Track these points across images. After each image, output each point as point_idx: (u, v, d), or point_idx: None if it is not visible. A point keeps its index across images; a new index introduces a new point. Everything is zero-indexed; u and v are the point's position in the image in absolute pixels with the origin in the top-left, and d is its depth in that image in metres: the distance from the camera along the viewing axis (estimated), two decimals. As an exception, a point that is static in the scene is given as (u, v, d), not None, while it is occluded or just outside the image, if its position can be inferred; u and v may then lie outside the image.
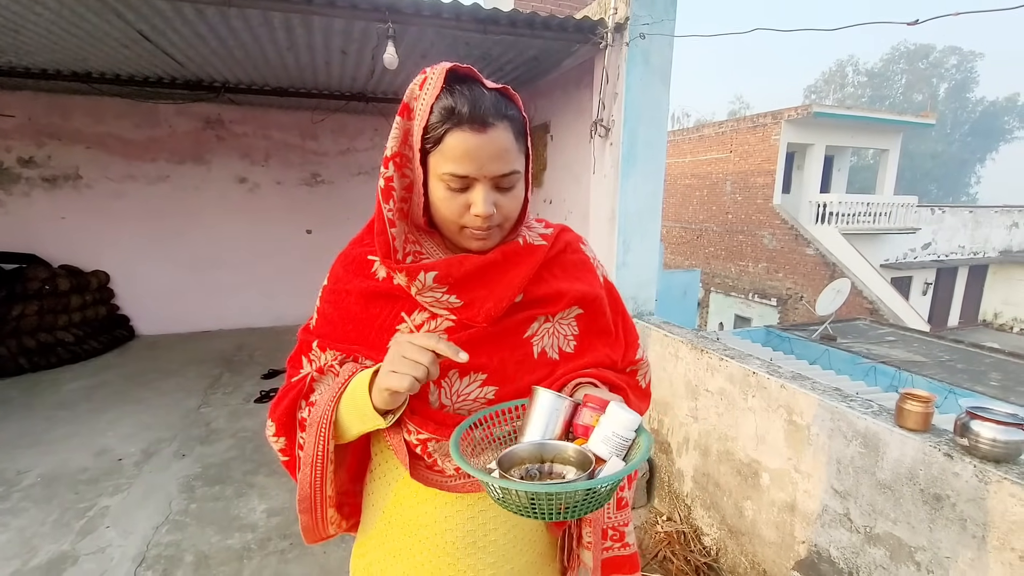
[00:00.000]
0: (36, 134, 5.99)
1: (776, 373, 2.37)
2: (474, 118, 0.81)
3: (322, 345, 0.96)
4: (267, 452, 3.77)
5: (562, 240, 1.04)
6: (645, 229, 3.46)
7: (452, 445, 0.78)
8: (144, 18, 3.35)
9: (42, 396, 4.74)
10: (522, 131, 0.89)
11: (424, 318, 0.93)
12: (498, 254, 0.92)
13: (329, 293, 1.01)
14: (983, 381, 6.37)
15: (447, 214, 0.87)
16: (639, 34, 3.17)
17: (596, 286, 1.04)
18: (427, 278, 0.88)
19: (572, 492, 0.69)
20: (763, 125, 14.62)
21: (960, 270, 17.49)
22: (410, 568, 0.99)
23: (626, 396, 0.98)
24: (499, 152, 0.84)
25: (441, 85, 0.82)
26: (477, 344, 0.91)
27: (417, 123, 0.84)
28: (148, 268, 6.61)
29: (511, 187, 0.88)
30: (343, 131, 7.21)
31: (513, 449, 0.82)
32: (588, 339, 1.01)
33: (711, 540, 2.75)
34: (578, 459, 0.81)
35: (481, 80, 0.86)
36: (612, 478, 0.71)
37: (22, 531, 2.90)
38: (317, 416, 0.89)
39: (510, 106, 0.87)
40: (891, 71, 36.91)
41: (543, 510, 0.71)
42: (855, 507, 1.94)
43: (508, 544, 0.98)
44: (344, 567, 2.63)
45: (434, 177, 0.86)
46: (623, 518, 1.01)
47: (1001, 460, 1.55)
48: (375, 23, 3.19)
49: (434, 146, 0.83)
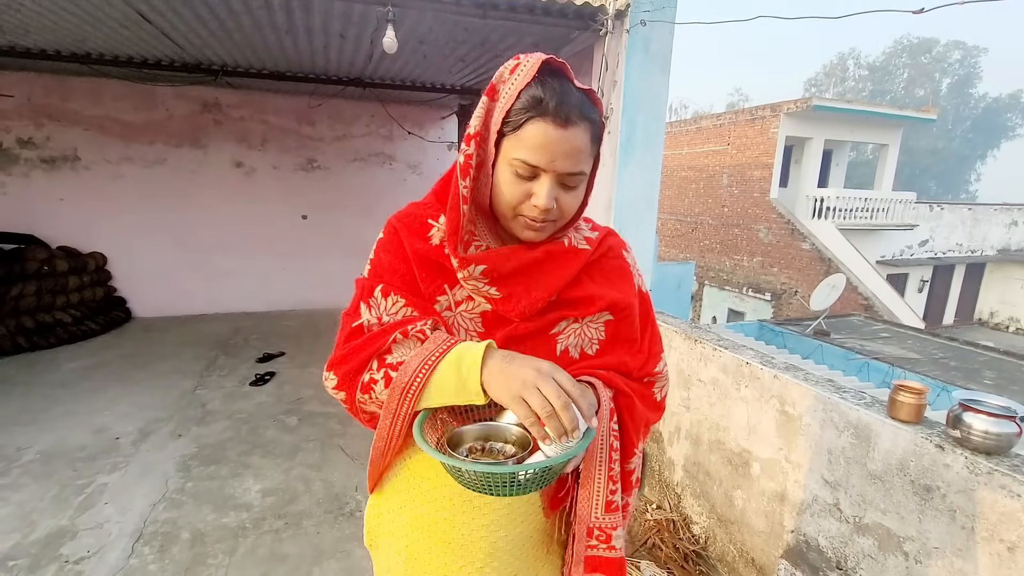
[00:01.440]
0: (35, 115, 5.99)
1: (769, 364, 2.39)
2: (558, 112, 0.82)
3: (385, 291, 0.96)
4: (262, 434, 3.80)
5: (605, 244, 1.06)
6: (641, 219, 3.47)
7: (417, 422, 0.85)
8: (144, -2, 3.34)
9: (41, 375, 4.76)
10: (598, 136, 0.91)
11: (463, 295, 0.96)
12: (542, 253, 0.94)
13: (387, 244, 1.00)
14: (977, 379, 6.40)
15: (508, 198, 0.89)
16: (640, 21, 3.16)
17: (630, 294, 1.06)
18: (475, 270, 0.91)
19: (494, 473, 0.75)
20: (762, 118, 14.55)
21: (957, 268, 17.47)
22: (413, 518, 1.02)
23: (629, 403, 1.01)
24: (573, 150, 0.85)
25: (533, 74, 0.84)
26: (508, 335, 0.95)
27: (501, 105, 0.85)
28: (145, 250, 6.63)
29: (575, 187, 0.90)
30: (340, 117, 7.20)
31: (463, 428, 0.89)
32: (612, 344, 1.03)
33: (700, 528, 2.77)
34: (520, 441, 0.86)
35: (571, 77, 0.87)
36: (528, 467, 0.77)
37: (22, 506, 2.94)
38: (405, 379, 0.87)
39: (593, 109, 0.88)
40: (893, 65, 36.68)
41: (468, 482, 0.78)
42: (845, 497, 1.95)
43: (501, 510, 1.00)
44: (337, 547, 2.68)
45: (503, 160, 0.87)
46: (612, 521, 0.99)
47: (992, 452, 1.56)
48: (375, 6, 3.18)
49: (513, 131, 0.85)
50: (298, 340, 6.02)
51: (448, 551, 1.00)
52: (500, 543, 1.01)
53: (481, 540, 1.00)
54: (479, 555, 1.00)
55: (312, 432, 3.85)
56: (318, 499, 3.09)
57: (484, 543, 1.00)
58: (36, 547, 2.61)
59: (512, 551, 1.03)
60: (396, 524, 1.05)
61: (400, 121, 7.35)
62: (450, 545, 1.00)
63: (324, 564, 2.58)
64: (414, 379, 0.86)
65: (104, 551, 2.60)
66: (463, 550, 1.00)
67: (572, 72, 0.88)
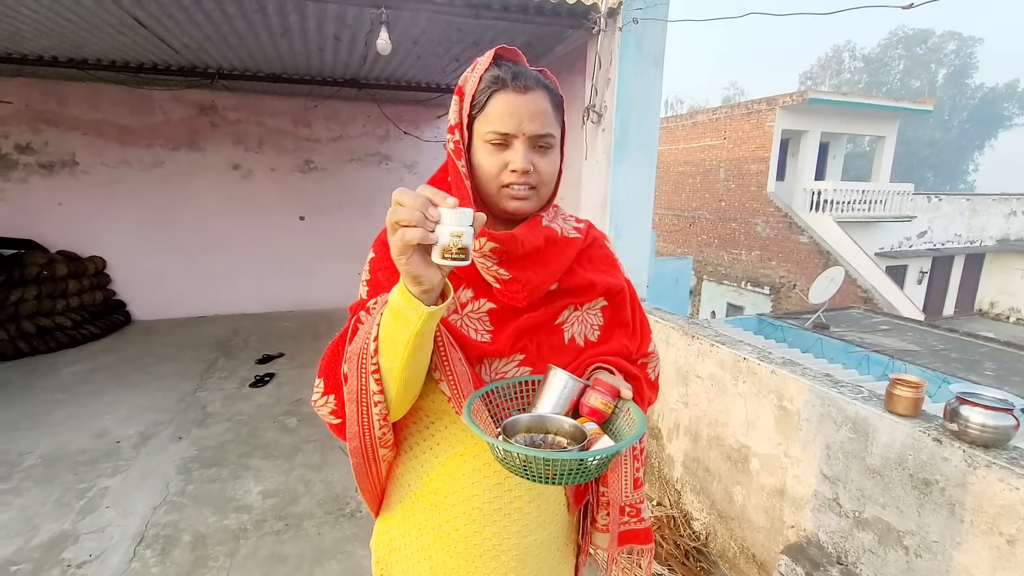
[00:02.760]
0: (33, 120, 6.00)
1: (767, 359, 2.39)
2: (516, 81, 0.90)
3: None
4: (262, 435, 3.81)
5: (591, 234, 1.10)
6: (637, 215, 3.47)
7: (465, 407, 0.84)
8: (140, 4, 3.35)
9: (41, 379, 4.77)
10: (559, 104, 0.97)
11: (469, 296, 0.98)
12: (543, 240, 0.97)
13: (379, 261, 1.00)
14: (977, 370, 6.40)
15: (488, 171, 0.92)
16: (632, 19, 3.15)
17: (620, 279, 1.10)
18: (486, 245, 0.92)
19: (563, 460, 0.75)
20: (758, 112, 14.55)
21: (956, 259, 17.46)
22: (435, 538, 1.00)
23: (639, 386, 1.04)
24: (537, 112, 0.91)
25: (489, 61, 0.93)
26: (518, 329, 0.97)
27: (467, 92, 0.93)
28: (144, 254, 6.63)
29: (548, 148, 0.94)
30: (335, 118, 7.20)
31: (517, 417, 0.89)
32: (611, 329, 1.06)
33: (701, 525, 2.78)
34: (574, 433, 0.87)
35: (523, 61, 0.97)
36: (599, 452, 0.77)
37: (24, 510, 2.94)
38: (357, 347, 0.86)
39: (548, 81, 0.96)
40: (888, 57, 36.64)
41: (534, 473, 0.77)
42: (844, 492, 1.96)
43: (532, 513, 1.01)
44: (339, 548, 2.68)
45: (478, 140, 0.93)
46: (639, 496, 1.06)
47: (990, 445, 1.56)
48: (368, 8, 3.18)
49: (480, 111, 0.92)
50: (297, 341, 6.03)
51: (478, 564, 1.00)
52: (531, 547, 1.03)
53: (513, 548, 1.01)
54: (510, 563, 1.01)
55: (312, 433, 3.86)
56: (318, 500, 3.09)
57: (516, 550, 1.01)
58: (39, 551, 2.62)
59: (540, 554, 1.05)
60: (414, 548, 1.04)
61: (396, 121, 7.34)
62: (481, 558, 1.00)
63: (325, 565, 2.58)
64: (363, 342, 0.85)
65: (106, 555, 2.61)
66: (495, 561, 1.00)
67: (524, 58, 0.97)
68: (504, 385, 0.94)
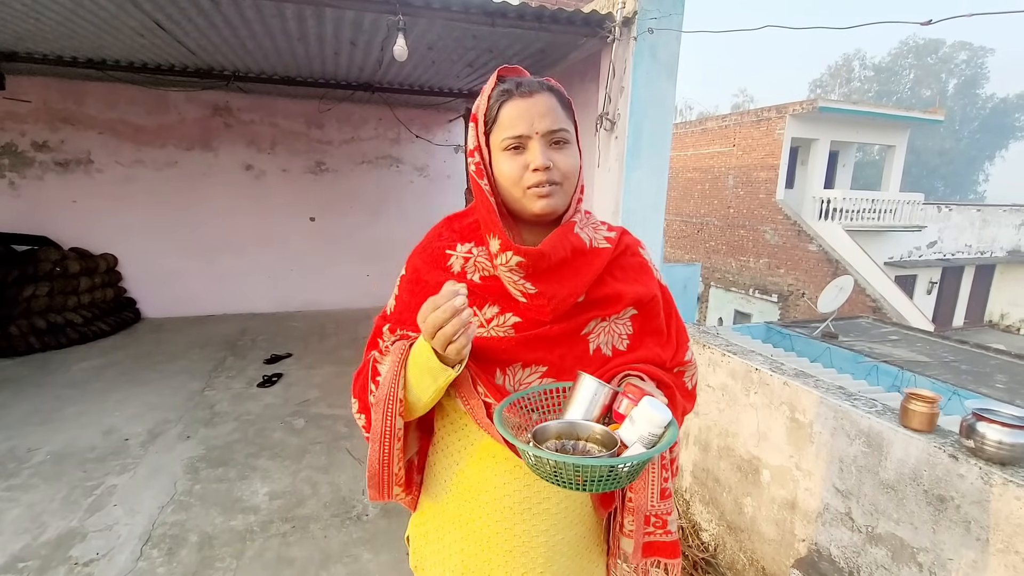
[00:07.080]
0: (50, 119, 6.07)
1: (779, 370, 2.38)
2: (520, 89, 0.94)
3: (392, 328, 1.05)
4: (269, 436, 3.82)
5: (623, 243, 1.10)
6: (648, 223, 3.46)
7: (496, 413, 0.87)
8: (160, 7, 3.38)
9: (52, 376, 4.80)
10: (567, 105, 1.00)
11: (494, 312, 0.99)
12: (568, 252, 0.98)
13: (408, 283, 1.08)
14: (988, 383, 6.33)
15: (510, 176, 0.95)
16: (647, 28, 3.16)
17: (653, 288, 1.09)
18: (512, 259, 0.94)
19: (593, 467, 0.76)
20: (767, 119, 14.50)
21: (966, 269, 17.31)
22: (467, 533, 1.04)
23: (671, 394, 1.03)
24: (547, 110, 0.94)
25: (494, 81, 0.97)
26: (540, 341, 0.98)
27: (480, 112, 0.97)
28: (155, 252, 6.68)
29: (564, 143, 0.96)
30: (348, 120, 7.23)
31: (547, 424, 0.90)
32: (641, 338, 1.06)
33: (710, 536, 2.77)
34: (605, 440, 0.88)
35: (526, 75, 1.01)
36: (630, 459, 0.77)
37: (32, 507, 2.96)
38: (383, 394, 0.93)
39: (553, 85, 0.99)
40: (899, 66, 36.47)
41: (565, 479, 0.77)
42: (857, 506, 1.95)
43: (560, 514, 1.04)
44: (345, 551, 2.67)
45: (496, 152, 0.96)
46: (666, 507, 1.05)
47: (1007, 463, 1.54)
48: (385, 15, 3.19)
49: (493, 124, 0.96)
50: (305, 341, 6.04)
51: (508, 560, 1.03)
52: (558, 546, 1.05)
53: (541, 545, 1.03)
54: (539, 560, 1.04)
55: (319, 435, 3.86)
56: (325, 502, 3.09)
57: (544, 547, 1.04)
58: (46, 548, 2.64)
59: (568, 552, 1.07)
60: (446, 541, 1.08)
61: (407, 124, 7.37)
62: (511, 553, 1.03)
63: (331, 568, 2.57)
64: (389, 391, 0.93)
65: (113, 553, 2.62)
66: (524, 557, 1.03)
67: (527, 73, 1.01)
68: (534, 392, 0.95)
